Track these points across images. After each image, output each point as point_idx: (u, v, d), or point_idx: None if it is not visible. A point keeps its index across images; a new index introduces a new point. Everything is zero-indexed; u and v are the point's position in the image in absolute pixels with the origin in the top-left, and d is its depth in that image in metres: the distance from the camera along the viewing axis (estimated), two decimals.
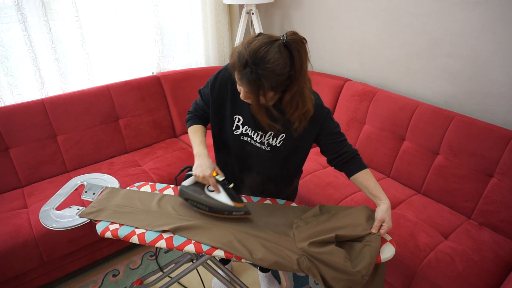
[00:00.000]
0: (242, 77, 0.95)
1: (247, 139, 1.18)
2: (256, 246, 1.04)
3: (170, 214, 1.17)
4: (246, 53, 0.92)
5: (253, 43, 0.93)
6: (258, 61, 0.91)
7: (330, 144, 1.17)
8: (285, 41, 0.93)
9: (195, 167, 1.13)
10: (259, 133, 1.16)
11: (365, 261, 0.97)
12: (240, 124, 1.17)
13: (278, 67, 0.92)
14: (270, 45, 0.92)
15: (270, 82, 0.93)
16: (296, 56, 0.93)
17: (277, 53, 0.92)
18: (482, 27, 1.66)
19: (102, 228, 1.12)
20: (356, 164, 1.16)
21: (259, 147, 1.17)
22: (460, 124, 1.68)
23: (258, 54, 0.91)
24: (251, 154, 1.20)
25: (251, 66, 0.92)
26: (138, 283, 1.74)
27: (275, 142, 1.16)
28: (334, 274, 0.97)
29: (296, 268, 0.99)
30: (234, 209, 1.12)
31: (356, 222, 1.08)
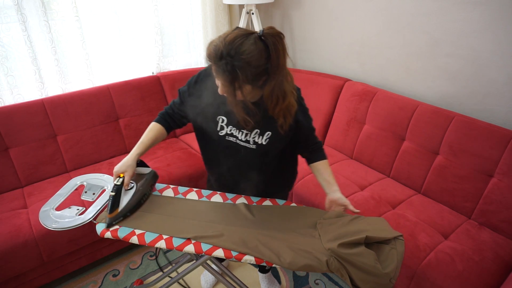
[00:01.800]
0: (218, 69, 0.95)
1: (232, 139, 1.18)
2: (283, 250, 1.03)
3: (190, 219, 1.17)
4: (222, 45, 0.92)
5: (229, 35, 0.94)
6: (233, 53, 0.91)
7: (305, 137, 1.25)
8: (261, 35, 0.93)
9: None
10: (243, 131, 1.15)
11: (393, 264, 0.98)
12: (224, 124, 1.17)
13: (253, 58, 0.92)
14: (246, 37, 0.93)
15: (245, 74, 0.93)
16: (272, 49, 0.93)
17: (252, 45, 0.92)
18: (482, 27, 1.66)
19: (102, 228, 1.12)
20: (319, 154, 1.29)
21: (244, 146, 1.17)
22: (460, 124, 1.68)
23: (233, 45, 0.92)
24: (237, 153, 1.20)
25: (226, 58, 0.92)
26: (138, 283, 1.74)
27: (261, 140, 1.15)
28: (363, 276, 0.97)
29: (325, 269, 0.99)
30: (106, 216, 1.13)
31: (380, 227, 1.08)
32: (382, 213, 1.65)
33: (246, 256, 1.03)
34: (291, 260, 0.99)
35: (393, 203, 1.72)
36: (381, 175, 1.97)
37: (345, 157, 2.16)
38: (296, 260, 0.99)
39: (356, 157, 2.13)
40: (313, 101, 2.35)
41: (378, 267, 0.96)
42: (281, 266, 1.00)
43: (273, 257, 1.01)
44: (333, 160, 2.10)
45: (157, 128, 1.28)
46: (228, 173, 1.29)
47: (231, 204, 1.26)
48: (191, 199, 1.27)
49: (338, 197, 1.19)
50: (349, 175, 1.94)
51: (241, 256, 1.03)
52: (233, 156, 1.21)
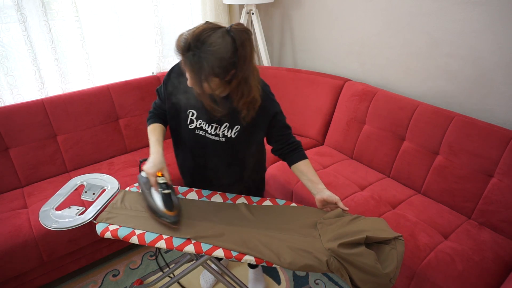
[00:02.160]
0: (186, 60, 0.98)
1: (201, 132, 1.22)
2: (283, 250, 1.03)
3: (190, 219, 1.17)
4: (190, 37, 0.95)
5: (198, 29, 0.97)
6: (199, 44, 0.94)
7: (279, 136, 1.26)
8: (229, 29, 0.97)
9: (147, 163, 1.18)
10: (213, 125, 1.19)
11: (393, 264, 0.98)
12: (194, 118, 1.21)
13: (219, 51, 0.95)
14: (214, 30, 0.96)
15: (211, 65, 0.95)
16: (238, 43, 0.96)
17: (219, 38, 0.95)
18: (482, 27, 1.66)
19: (102, 228, 1.12)
20: (299, 154, 1.27)
21: (214, 139, 1.21)
22: (460, 124, 1.68)
23: (200, 37, 0.95)
24: (207, 147, 1.24)
25: (193, 49, 0.95)
26: (138, 283, 1.75)
27: (230, 134, 1.19)
28: (363, 276, 0.97)
29: (325, 269, 0.99)
30: (163, 215, 1.11)
31: (380, 227, 1.08)
32: (382, 213, 1.65)
33: (246, 256, 1.03)
34: (291, 260, 0.99)
35: (393, 203, 1.72)
36: (381, 175, 1.97)
37: (345, 157, 2.16)
38: (296, 260, 0.99)
39: (356, 157, 2.13)
40: (313, 101, 2.35)
41: (378, 267, 0.96)
42: (281, 266, 1.00)
43: (273, 257, 1.01)
44: (333, 160, 2.10)
45: (159, 126, 1.31)
46: (198, 167, 1.31)
47: (231, 204, 1.26)
48: (191, 199, 1.27)
49: (327, 195, 1.19)
50: (349, 175, 1.94)
51: (241, 256, 1.03)
52: (202, 149, 1.25)
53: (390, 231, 1.07)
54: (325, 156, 2.15)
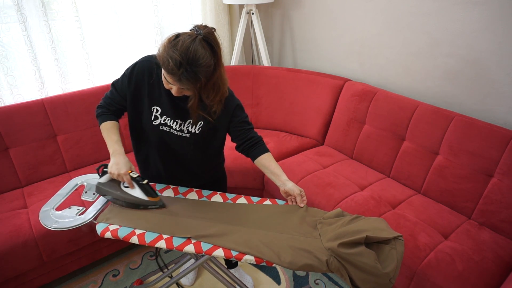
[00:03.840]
0: (181, 77, 1.02)
1: (166, 128, 1.25)
2: (283, 249, 1.03)
3: (190, 218, 1.17)
4: (177, 55, 1.00)
5: (178, 44, 1.01)
6: (191, 61, 1.00)
7: (239, 131, 1.30)
8: (202, 36, 1.03)
9: (111, 165, 1.18)
10: (178, 121, 1.24)
11: (393, 264, 0.98)
12: (158, 114, 1.24)
13: (207, 61, 1.03)
14: (193, 42, 1.01)
15: (205, 75, 1.04)
16: (214, 45, 1.05)
17: (202, 48, 1.02)
18: (482, 27, 1.66)
19: (102, 228, 1.12)
20: (260, 148, 1.31)
21: (178, 135, 1.25)
22: (460, 124, 1.68)
23: (189, 54, 1.00)
24: (171, 142, 1.27)
25: (185, 67, 1.01)
26: (138, 283, 1.75)
27: (194, 129, 1.25)
28: (363, 276, 0.97)
29: (325, 269, 0.99)
30: (149, 203, 1.19)
31: (380, 227, 1.08)
32: (382, 213, 1.65)
33: (246, 256, 1.03)
34: (291, 260, 0.99)
35: (393, 203, 1.72)
36: (381, 175, 1.97)
37: (345, 157, 2.16)
38: (296, 259, 0.99)
39: (356, 157, 2.13)
40: (313, 101, 2.35)
41: (378, 267, 0.96)
42: (281, 265, 1.00)
43: (273, 256, 1.01)
44: (333, 160, 2.10)
45: (115, 124, 1.30)
46: (162, 162, 1.33)
47: (231, 204, 1.26)
48: (191, 199, 1.28)
49: (289, 187, 1.23)
50: (349, 175, 1.94)
51: (241, 256, 1.03)
52: (167, 145, 1.28)
53: (390, 231, 1.07)
54: (325, 156, 2.15)
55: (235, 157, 2.07)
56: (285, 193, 1.25)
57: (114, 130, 1.27)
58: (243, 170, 2.07)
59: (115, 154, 1.20)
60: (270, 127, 2.50)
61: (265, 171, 1.30)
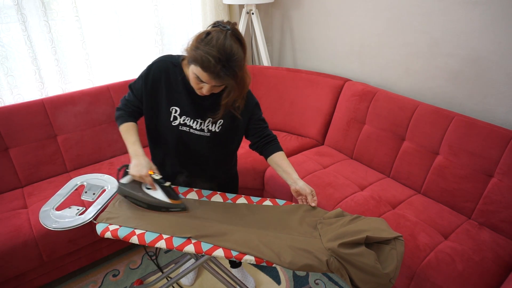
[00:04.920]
0: (220, 74, 1.02)
1: (185, 128, 1.24)
2: (283, 249, 1.03)
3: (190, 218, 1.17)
4: (215, 52, 1.00)
5: (213, 41, 1.01)
6: (228, 56, 1.01)
7: (256, 129, 1.32)
8: (231, 31, 1.04)
9: (132, 166, 1.16)
10: (198, 120, 1.23)
11: (393, 264, 0.98)
12: (177, 115, 1.23)
13: (240, 55, 1.05)
14: (225, 38, 1.02)
15: (240, 69, 1.05)
16: (242, 40, 1.06)
17: (235, 43, 1.03)
18: (482, 27, 1.66)
19: (102, 228, 1.12)
20: (274, 147, 1.32)
21: (199, 134, 1.24)
22: (460, 124, 1.68)
23: (225, 50, 1.01)
24: (191, 142, 1.26)
25: (223, 63, 1.01)
26: (138, 283, 1.75)
27: (215, 128, 1.24)
28: (363, 276, 0.97)
29: (325, 269, 0.99)
30: (171, 206, 1.17)
31: (380, 227, 1.08)
32: (382, 213, 1.65)
33: (247, 256, 1.03)
34: (291, 260, 0.99)
35: (393, 203, 1.72)
36: (381, 175, 1.97)
37: (345, 157, 2.16)
38: (296, 260, 0.99)
39: (356, 157, 2.13)
40: (313, 101, 2.35)
41: (378, 267, 0.96)
42: (281, 265, 1.00)
43: (273, 256, 1.01)
44: (333, 160, 2.10)
45: (134, 125, 1.29)
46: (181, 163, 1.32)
47: (231, 204, 1.26)
48: (191, 199, 1.28)
49: (300, 186, 1.23)
50: (349, 175, 1.94)
51: (242, 256, 1.03)
52: (186, 145, 1.26)
53: (390, 231, 1.07)
54: (325, 156, 2.15)
55: None
56: (296, 192, 1.25)
57: (133, 131, 1.26)
58: (243, 170, 2.07)
59: (135, 155, 1.18)
60: (270, 127, 2.48)
61: (277, 169, 1.30)
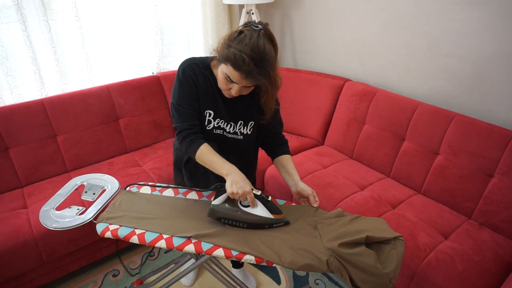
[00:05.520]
0: (253, 73, 1.00)
1: (220, 131, 1.22)
2: (284, 249, 1.03)
3: (190, 218, 1.17)
4: (248, 50, 0.98)
5: (246, 39, 1.00)
6: (262, 55, 0.99)
7: (273, 132, 1.33)
8: (264, 31, 1.02)
9: (231, 184, 1.08)
10: (231, 123, 1.21)
11: (393, 264, 0.98)
12: (211, 118, 1.20)
13: (273, 55, 1.03)
14: (258, 37, 1.00)
15: (273, 69, 1.03)
16: (274, 40, 1.05)
17: (268, 43, 1.01)
18: (482, 27, 1.66)
19: (102, 228, 1.12)
20: (283, 149, 1.34)
21: (233, 137, 1.23)
22: (460, 124, 1.68)
23: (259, 49, 0.99)
24: (226, 146, 1.23)
25: (257, 62, 0.99)
26: (138, 283, 1.74)
27: (246, 130, 1.23)
28: (363, 276, 0.97)
29: (325, 269, 0.99)
30: (274, 221, 1.12)
31: (380, 227, 1.08)
32: (382, 213, 1.65)
33: (247, 255, 1.03)
34: (291, 260, 0.99)
35: (393, 203, 1.72)
36: (381, 175, 1.97)
37: (345, 157, 2.16)
38: (296, 259, 0.99)
39: (356, 157, 2.13)
40: (313, 101, 2.35)
41: (378, 267, 0.96)
42: (282, 265, 1.00)
43: (273, 256, 1.01)
44: (333, 160, 2.10)
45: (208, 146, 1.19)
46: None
47: None
48: (191, 199, 1.27)
49: (301, 188, 1.23)
50: (349, 175, 1.94)
51: (242, 255, 1.03)
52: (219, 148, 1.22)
53: (390, 231, 1.07)
54: (325, 156, 2.15)
55: None
56: (297, 194, 1.24)
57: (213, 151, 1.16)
58: None
59: (231, 172, 1.10)
60: None
61: (281, 170, 1.31)
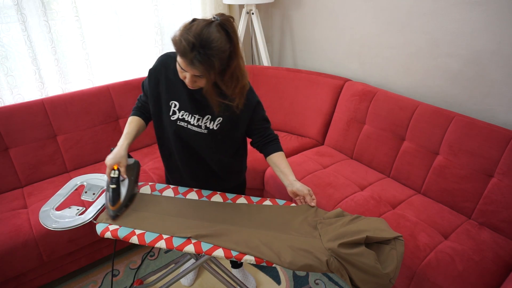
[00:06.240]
0: (193, 60, 0.99)
1: (183, 124, 1.22)
2: (284, 249, 1.03)
3: (190, 218, 1.17)
4: (191, 37, 0.97)
5: (193, 27, 0.99)
6: (204, 43, 0.97)
7: (258, 129, 1.30)
8: (219, 22, 1.01)
9: (109, 155, 1.18)
10: (196, 116, 1.21)
11: (393, 264, 0.98)
12: (176, 109, 1.22)
13: (221, 45, 0.99)
14: (209, 26, 0.99)
15: (219, 60, 1.00)
16: (231, 32, 1.02)
17: (217, 32, 0.99)
18: (482, 27, 1.66)
19: (102, 228, 1.12)
20: (275, 147, 1.31)
21: (196, 131, 1.22)
22: (460, 124, 1.68)
23: (202, 36, 0.97)
24: (188, 138, 1.24)
25: (198, 49, 0.97)
26: (138, 283, 1.75)
27: (213, 125, 1.21)
28: (363, 276, 0.97)
29: (325, 269, 0.99)
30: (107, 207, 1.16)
31: (380, 227, 1.08)
32: (382, 213, 1.65)
33: (247, 256, 1.03)
34: (291, 260, 0.99)
35: (393, 203, 1.72)
36: (381, 175, 1.97)
37: (345, 157, 2.16)
38: (296, 260, 0.99)
39: (356, 157, 2.13)
40: (313, 101, 2.35)
41: (378, 267, 0.96)
42: (281, 265, 1.00)
43: (273, 256, 1.01)
44: (333, 160, 2.10)
45: (137, 120, 1.31)
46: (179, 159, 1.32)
47: (231, 204, 1.26)
48: (191, 199, 1.28)
49: (297, 188, 1.23)
50: (349, 175, 1.94)
51: (241, 256, 1.03)
52: (183, 141, 1.25)
53: (390, 231, 1.07)
54: (325, 156, 2.15)
55: None
56: (293, 193, 1.24)
57: (131, 124, 1.28)
58: None
59: (117, 146, 1.20)
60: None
61: (275, 169, 1.30)
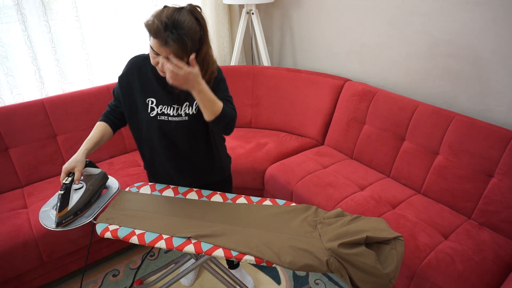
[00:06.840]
0: (167, 39, 1.01)
1: (164, 117, 1.24)
2: (284, 249, 1.03)
3: (190, 218, 1.17)
4: (164, 18, 1.01)
5: (164, 12, 1.03)
6: (176, 23, 1.02)
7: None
8: (189, 9, 1.06)
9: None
10: (174, 106, 1.22)
11: (393, 264, 0.98)
12: (154, 105, 1.23)
13: (193, 26, 1.04)
14: (179, 11, 1.04)
15: (191, 41, 1.04)
16: (200, 19, 1.07)
17: (188, 15, 1.04)
18: (482, 27, 1.66)
19: (102, 228, 1.12)
20: None
21: (177, 120, 1.23)
22: (460, 124, 1.68)
23: (174, 18, 1.02)
24: (170, 132, 1.25)
25: (171, 29, 1.01)
26: (138, 283, 1.75)
27: (191, 110, 1.23)
28: (363, 276, 0.97)
29: (325, 269, 0.99)
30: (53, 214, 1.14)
31: (380, 227, 1.08)
32: (382, 213, 1.65)
33: (246, 256, 1.03)
34: (291, 260, 0.99)
35: (393, 203, 1.72)
36: (381, 175, 1.97)
37: (345, 157, 2.16)
38: (296, 260, 0.99)
39: (356, 157, 2.13)
40: (313, 101, 2.35)
41: (378, 267, 0.96)
42: (281, 265, 1.00)
43: (273, 256, 1.01)
44: (333, 160, 2.10)
45: (102, 126, 1.31)
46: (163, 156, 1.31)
47: (231, 204, 1.26)
48: (191, 199, 1.28)
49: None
50: (349, 175, 1.94)
51: (241, 256, 1.03)
52: (166, 137, 1.26)
53: (390, 231, 1.07)
54: (325, 156, 2.15)
55: (235, 158, 2.08)
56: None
57: (95, 130, 1.29)
58: (243, 170, 2.07)
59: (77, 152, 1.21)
60: (270, 127, 2.51)
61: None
